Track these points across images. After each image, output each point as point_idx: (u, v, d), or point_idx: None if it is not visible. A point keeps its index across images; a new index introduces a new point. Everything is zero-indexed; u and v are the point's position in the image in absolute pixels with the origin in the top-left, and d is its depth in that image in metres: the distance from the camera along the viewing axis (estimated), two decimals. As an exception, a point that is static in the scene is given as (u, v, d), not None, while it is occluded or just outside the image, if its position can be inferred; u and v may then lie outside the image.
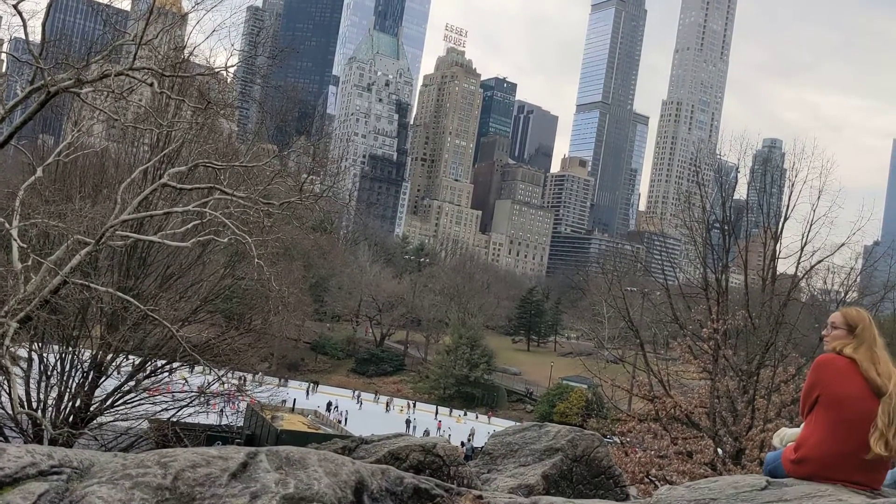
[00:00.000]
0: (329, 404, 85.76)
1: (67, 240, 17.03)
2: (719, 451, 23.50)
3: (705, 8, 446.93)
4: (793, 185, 26.38)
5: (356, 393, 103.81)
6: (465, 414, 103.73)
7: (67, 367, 28.51)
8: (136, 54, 17.62)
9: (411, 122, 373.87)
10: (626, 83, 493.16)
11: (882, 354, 5.42)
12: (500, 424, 77.92)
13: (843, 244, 27.35)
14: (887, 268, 31.88)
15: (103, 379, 29.72)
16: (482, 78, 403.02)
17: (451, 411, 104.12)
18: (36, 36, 16.61)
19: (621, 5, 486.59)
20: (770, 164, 41.58)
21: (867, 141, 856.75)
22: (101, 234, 16.36)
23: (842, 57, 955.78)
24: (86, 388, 28.26)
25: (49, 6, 16.03)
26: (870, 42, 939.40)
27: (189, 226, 21.71)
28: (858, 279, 31.03)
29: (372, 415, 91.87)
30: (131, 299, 19.60)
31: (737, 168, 30.58)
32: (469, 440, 74.11)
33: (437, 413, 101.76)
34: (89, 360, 28.94)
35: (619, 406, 30.70)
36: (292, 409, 68.84)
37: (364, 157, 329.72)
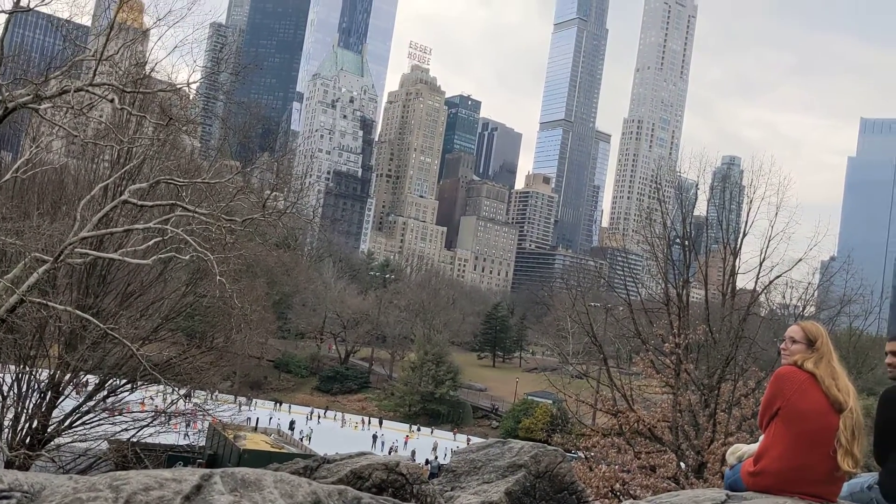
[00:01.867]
0: (292, 423, 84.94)
1: (25, 257, 16.73)
2: (682, 465, 23.71)
3: (665, 28, 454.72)
4: (751, 201, 26.81)
5: (311, 410, 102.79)
6: (419, 429, 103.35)
7: (24, 388, 27.88)
8: (96, 70, 17.42)
9: (376, 139, 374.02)
10: (589, 101, 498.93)
11: (839, 369, 5.52)
12: (466, 441, 77.89)
13: (800, 259, 27.83)
14: (843, 283, 32.55)
15: (61, 399, 29.13)
16: (447, 95, 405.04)
17: (410, 427, 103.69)
18: (-7, 51, 16.34)
19: (583, 24, 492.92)
20: (729, 182, 42.34)
21: (824, 158, 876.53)
22: (60, 251, 16.11)
23: (799, 77, 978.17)
24: (43, 409, 27.66)
25: (7, 22, 15.82)
26: (825, 63, 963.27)
27: (150, 243, 21.46)
28: (816, 294, 31.60)
29: (337, 433, 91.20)
30: (90, 318, 19.28)
31: (696, 185, 31.07)
32: (435, 458, 73.89)
33: (411, 429, 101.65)
34: (47, 381, 28.35)
35: (583, 421, 30.84)
36: (255, 428, 68.04)
37: (328, 173, 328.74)
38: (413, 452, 78.55)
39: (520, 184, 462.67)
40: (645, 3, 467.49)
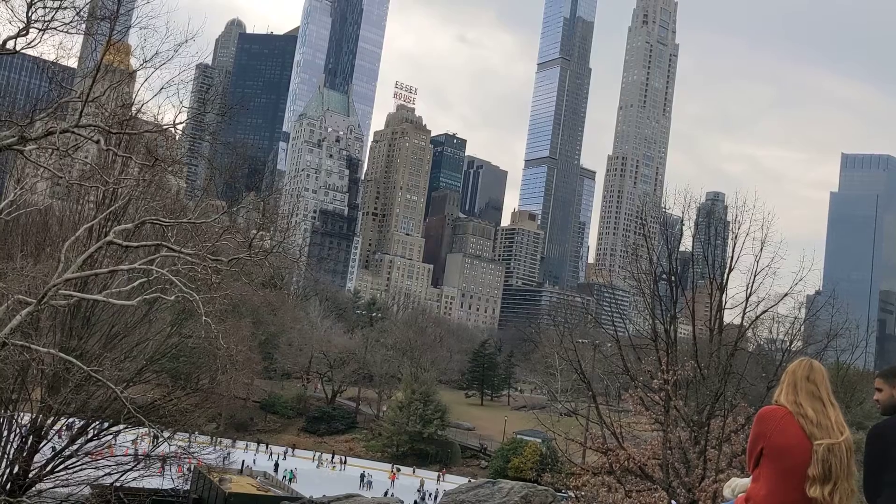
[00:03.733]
0: (276, 465, 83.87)
1: (8, 300, 16.56)
2: (673, 502, 23.51)
3: (647, 66, 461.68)
4: (736, 237, 27.01)
5: (286, 450, 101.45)
6: (399, 470, 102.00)
7: (5, 432, 27.43)
8: (82, 111, 17.43)
9: (362, 178, 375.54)
10: (573, 139, 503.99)
11: (827, 401, 5.51)
12: (454, 482, 77.08)
13: (786, 294, 27.97)
14: (829, 317, 32.66)
15: (43, 443, 28.66)
16: (432, 134, 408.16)
17: (392, 467, 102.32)
18: (-22, 93, 16.37)
19: (566, 64, 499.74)
20: (714, 217, 42.61)
21: (805, 192, 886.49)
22: (44, 293, 15.97)
23: (778, 111, 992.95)
24: (24, 454, 27.19)
25: (-7, 63, 15.87)
26: (804, 96, 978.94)
27: (135, 283, 21.31)
28: (802, 328, 31.69)
29: (324, 474, 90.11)
30: (74, 360, 19.05)
31: (681, 221, 31.26)
32: (422, 499, 73.00)
33: (392, 468, 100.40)
34: (28, 424, 27.90)
35: (573, 459, 30.61)
36: (241, 471, 67.08)
37: (315, 212, 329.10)
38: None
39: (506, 221, 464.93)
40: (627, 43, 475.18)
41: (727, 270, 27.73)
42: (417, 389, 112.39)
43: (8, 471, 26.68)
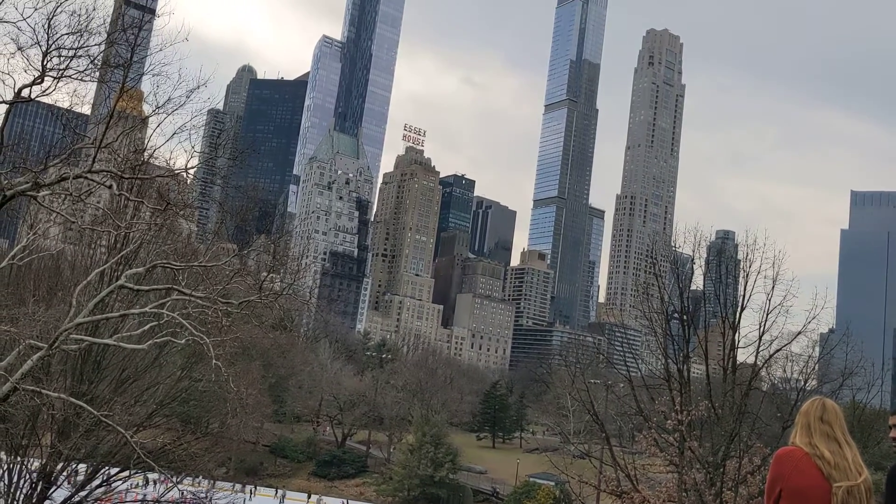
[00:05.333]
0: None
1: (19, 345, 16.60)
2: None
3: (654, 107, 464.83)
4: (747, 275, 26.90)
5: (278, 492, 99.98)
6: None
7: (15, 479, 27.28)
8: (95, 157, 17.65)
9: (372, 219, 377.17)
10: (581, 178, 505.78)
11: (844, 441, 5.45)
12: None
13: (799, 332, 27.73)
14: (844, 355, 32.32)
15: (53, 489, 28.47)
16: (441, 174, 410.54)
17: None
18: (-6, 140, 16.60)
19: (573, 105, 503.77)
20: (724, 255, 42.50)
21: (816, 229, 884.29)
22: (55, 338, 16.00)
23: (785, 149, 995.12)
24: (34, 500, 27.00)
25: (8, 112, 16.10)
26: (812, 133, 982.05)
27: (146, 327, 21.33)
28: (816, 367, 31.35)
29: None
30: (84, 405, 19.01)
31: (692, 259, 31.18)
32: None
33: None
34: (38, 470, 27.75)
35: (587, 503, 30.17)
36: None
37: (325, 253, 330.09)
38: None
39: (515, 260, 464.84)
40: (633, 84, 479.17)
41: (739, 309, 27.57)
42: (428, 432, 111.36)
43: (17, 518, 26.49)
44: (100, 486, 30.99)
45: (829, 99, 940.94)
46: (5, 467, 27.47)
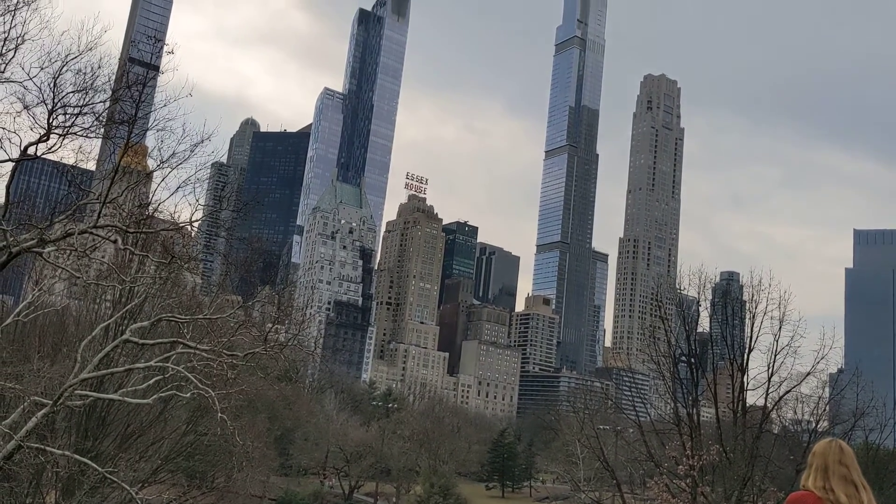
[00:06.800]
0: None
1: (24, 401, 16.50)
2: None
3: (654, 150, 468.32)
4: (753, 316, 26.79)
5: None
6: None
7: (18, 539, 26.85)
8: (100, 213, 17.76)
9: (375, 268, 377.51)
10: (584, 223, 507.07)
11: (859, 484, 5.37)
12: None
13: (808, 373, 27.52)
14: (854, 395, 31.98)
15: (56, 549, 28.00)
16: (444, 222, 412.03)
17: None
18: None
19: (573, 150, 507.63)
20: (730, 297, 42.33)
21: (820, 268, 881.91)
22: (60, 394, 15.92)
23: (787, 189, 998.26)
24: (36, 561, 26.55)
25: (14, 170, 16.26)
26: (813, 173, 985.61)
27: (151, 381, 21.22)
28: (827, 408, 31.00)
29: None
30: (89, 461, 18.83)
31: (697, 301, 31.08)
32: None
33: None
34: (41, 530, 27.34)
35: (599, 552, 29.60)
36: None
37: (329, 303, 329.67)
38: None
39: (520, 306, 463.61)
40: (633, 129, 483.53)
41: (747, 350, 27.40)
42: (437, 483, 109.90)
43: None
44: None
45: (830, 138, 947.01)
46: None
